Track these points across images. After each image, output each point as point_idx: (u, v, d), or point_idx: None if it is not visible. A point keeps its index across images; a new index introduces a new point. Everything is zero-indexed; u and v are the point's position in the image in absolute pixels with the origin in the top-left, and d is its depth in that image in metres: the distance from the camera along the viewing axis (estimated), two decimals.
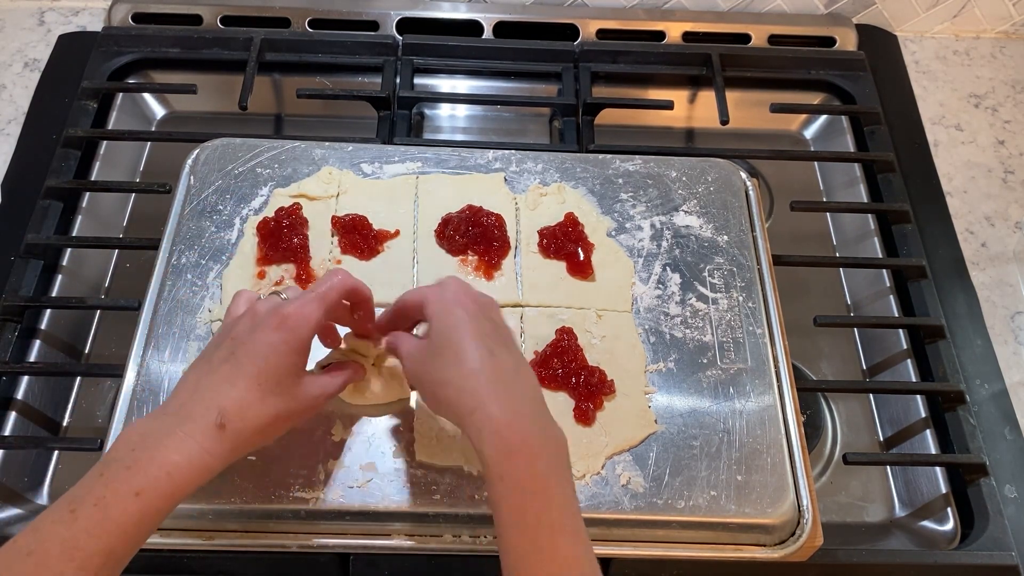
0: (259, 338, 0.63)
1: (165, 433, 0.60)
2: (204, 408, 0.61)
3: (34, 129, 1.07)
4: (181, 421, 0.61)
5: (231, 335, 0.65)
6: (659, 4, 1.21)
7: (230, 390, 0.62)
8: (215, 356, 0.64)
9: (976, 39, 1.26)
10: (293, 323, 0.64)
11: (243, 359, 0.63)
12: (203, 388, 0.63)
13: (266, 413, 0.63)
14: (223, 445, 0.61)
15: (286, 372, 0.64)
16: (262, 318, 0.64)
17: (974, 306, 0.99)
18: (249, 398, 0.62)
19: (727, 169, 0.95)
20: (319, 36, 1.16)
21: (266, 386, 0.63)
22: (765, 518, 0.73)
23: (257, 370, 0.63)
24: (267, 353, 0.63)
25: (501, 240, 0.87)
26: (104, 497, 0.56)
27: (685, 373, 0.81)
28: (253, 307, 0.66)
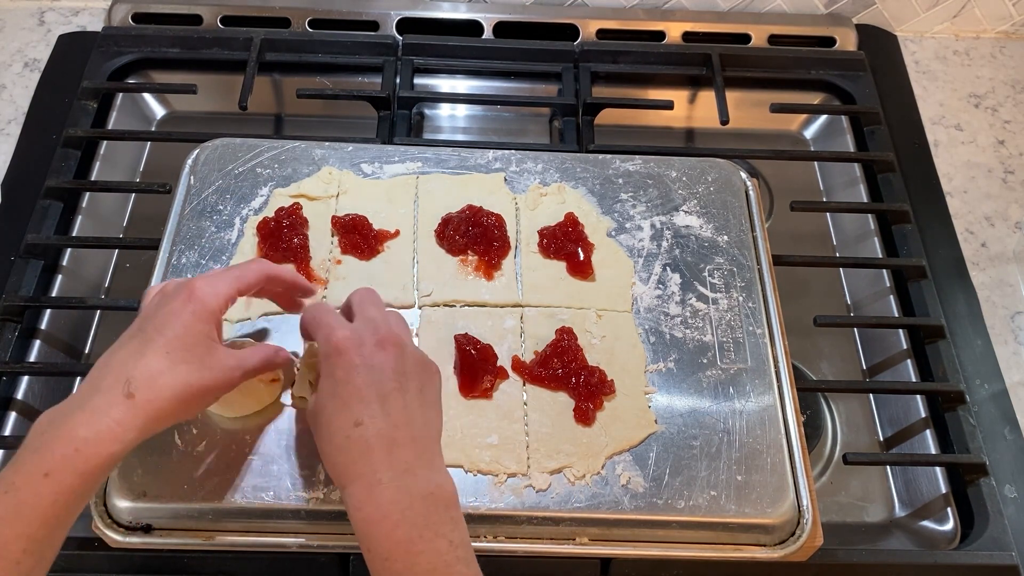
0: (166, 310, 0.63)
1: (72, 411, 0.59)
2: (112, 380, 0.60)
3: (34, 129, 1.07)
4: (88, 397, 0.60)
5: (141, 314, 0.66)
6: (659, 4, 1.21)
7: (138, 360, 0.61)
8: (125, 334, 0.64)
9: (976, 39, 1.26)
10: (200, 294, 0.64)
11: (150, 331, 0.63)
12: (112, 363, 0.62)
13: (177, 381, 0.61)
14: (135, 416, 0.59)
15: (195, 340, 0.63)
16: (170, 293, 0.65)
17: (974, 306, 0.99)
18: (158, 366, 0.61)
19: (727, 169, 0.95)
20: (319, 36, 1.16)
21: (175, 354, 0.62)
22: (765, 518, 0.73)
23: (164, 339, 0.62)
24: (173, 322, 0.63)
25: (501, 240, 0.87)
26: (14, 483, 0.56)
27: (685, 373, 0.81)
28: (164, 285, 0.67)
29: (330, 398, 0.63)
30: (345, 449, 0.61)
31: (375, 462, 0.60)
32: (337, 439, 0.62)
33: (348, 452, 0.61)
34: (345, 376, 0.63)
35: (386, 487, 0.59)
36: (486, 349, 0.80)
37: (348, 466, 0.61)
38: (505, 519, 0.72)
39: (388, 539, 0.58)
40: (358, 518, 0.60)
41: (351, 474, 0.61)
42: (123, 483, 0.71)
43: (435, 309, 0.83)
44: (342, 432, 0.61)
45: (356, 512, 0.60)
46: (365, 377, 0.62)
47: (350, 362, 0.63)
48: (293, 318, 0.81)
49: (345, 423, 0.61)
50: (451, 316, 0.83)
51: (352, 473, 0.61)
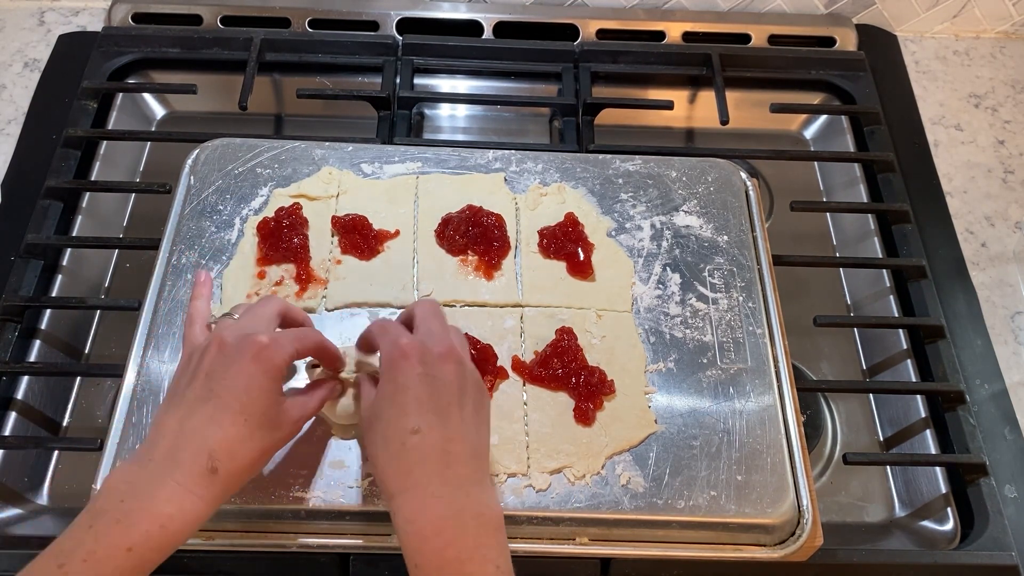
0: (237, 371, 0.61)
1: (155, 483, 0.58)
2: (193, 453, 0.59)
3: (34, 129, 1.07)
4: (170, 469, 0.59)
5: (203, 370, 0.63)
6: (659, 4, 1.21)
7: (217, 431, 0.60)
8: (190, 394, 0.62)
9: (976, 39, 1.26)
10: (269, 352, 0.62)
11: (224, 395, 0.61)
12: (188, 431, 0.60)
13: (255, 448, 0.62)
14: (215, 489, 0.59)
15: (269, 404, 0.62)
16: (234, 348, 0.63)
17: (974, 306, 0.99)
18: (237, 436, 0.60)
19: (727, 169, 0.95)
20: (319, 36, 1.16)
21: (252, 420, 0.61)
22: (765, 518, 0.73)
23: (240, 405, 0.61)
24: (248, 386, 0.61)
25: (501, 240, 0.87)
26: (95, 552, 0.55)
27: (685, 373, 0.81)
28: (219, 337, 0.64)
29: (389, 403, 0.62)
30: (400, 456, 0.60)
31: (430, 474, 0.60)
32: (393, 445, 0.61)
33: (403, 460, 0.60)
34: (406, 382, 0.62)
35: (439, 502, 0.59)
36: (486, 349, 0.80)
37: (402, 475, 0.60)
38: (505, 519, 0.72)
39: (439, 556, 0.58)
40: (408, 531, 0.59)
41: (404, 484, 0.60)
42: None
43: None
44: (398, 438, 0.61)
45: (407, 524, 0.59)
46: (427, 386, 0.62)
47: (412, 369, 0.62)
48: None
49: (402, 429, 0.61)
50: (451, 316, 0.82)
51: (405, 483, 0.60)
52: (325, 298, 0.83)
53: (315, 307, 0.82)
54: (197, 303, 0.73)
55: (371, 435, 0.63)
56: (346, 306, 0.83)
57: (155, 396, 0.76)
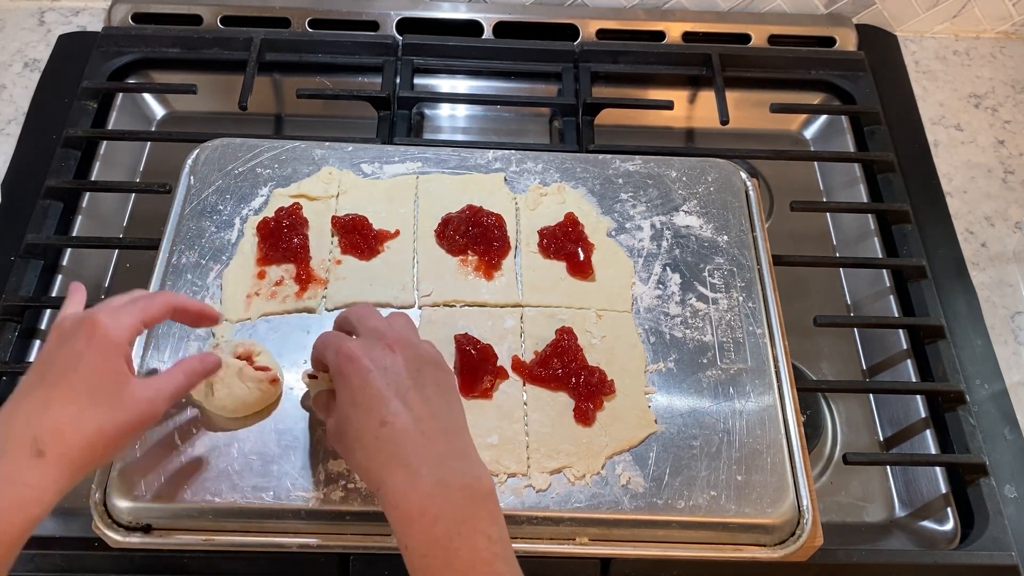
0: (67, 350, 0.59)
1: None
2: (17, 439, 0.56)
3: (34, 129, 1.07)
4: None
5: (39, 358, 0.61)
6: (659, 4, 1.21)
7: (43, 413, 0.57)
8: (25, 382, 0.60)
9: (976, 39, 1.26)
10: (103, 328, 0.60)
11: (52, 377, 0.58)
12: (14, 418, 0.57)
13: (89, 428, 0.58)
14: (48, 474, 0.56)
15: (103, 379, 0.59)
16: (69, 330, 0.61)
17: (974, 306, 0.99)
18: (66, 416, 0.57)
19: (727, 169, 0.95)
20: (319, 36, 1.16)
21: (82, 399, 0.58)
22: (765, 518, 0.73)
23: (68, 384, 0.58)
24: (77, 364, 0.59)
25: (501, 240, 0.87)
26: None
27: (685, 373, 0.81)
28: (59, 323, 0.62)
29: (350, 406, 0.62)
30: (375, 450, 0.60)
31: (409, 455, 0.59)
32: (366, 441, 0.61)
33: (379, 452, 0.60)
34: (361, 382, 0.62)
35: (423, 480, 0.58)
36: (486, 349, 0.80)
37: (380, 466, 0.60)
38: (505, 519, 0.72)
39: (426, 535, 0.57)
40: (395, 516, 0.59)
41: (384, 473, 0.60)
42: (123, 483, 0.71)
43: (435, 309, 0.83)
44: (370, 434, 0.60)
45: (393, 510, 0.59)
46: (381, 379, 0.62)
47: (363, 367, 0.62)
48: (293, 318, 0.82)
49: (371, 425, 0.60)
50: (451, 316, 0.83)
51: (385, 472, 0.59)
52: (325, 298, 0.83)
53: (315, 307, 0.82)
54: None
55: (345, 442, 0.63)
56: (346, 306, 0.83)
57: None
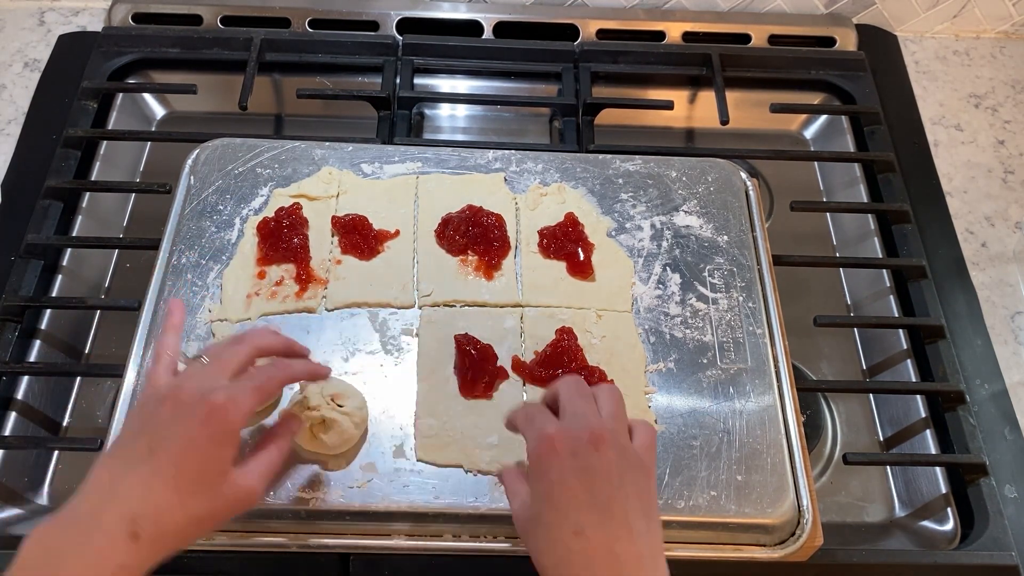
0: (180, 432, 0.58)
1: (74, 550, 0.54)
2: (116, 517, 0.55)
3: (34, 129, 1.07)
4: (89, 532, 0.55)
5: (151, 425, 0.60)
6: (659, 4, 1.21)
7: (146, 495, 0.56)
8: (131, 450, 0.59)
9: (976, 39, 1.26)
10: (222, 416, 0.59)
11: (161, 457, 0.57)
12: (117, 492, 0.57)
13: (185, 518, 0.57)
14: (138, 556, 0.55)
15: (209, 470, 0.59)
16: (187, 407, 0.59)
17: (974, 306, 0.99)
18: (167, 503, 0.57)
19: (727, 169, 0.95)
20: (319, 36, 1.16)
21: (186, 487, 0.57)
22: (765, 518, 0.73)
23: (177, 471, 0.57)
24: (187, 450, 0.58)
25: (501, 240, 0.87)
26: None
27: (685, 373, 0.81)
28: (176, 393, 0.60)
29: (545, 504, 0.59)
30: (567, 563, 0.57)
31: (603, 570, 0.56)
32: (558, 550, 0.57)
33: (569, 567, 0.57)
34: (560, 478, 0.58)
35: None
36: (486, 349, 0.80)
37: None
38: (505, 519, 0.72)
39: None
40: None
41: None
42: None
43: (435, 309, 0.83)
44: (562, 543, 0.57)
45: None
46: (582, 480, 0.58)
47: (563, 463, 0.59)
48: (293, 318, 0.82)
49: (564, 533, 0.57)
50: (451, 316, 0.83)
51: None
52: (325, 298, 0.83)
53: (315, 307, 0.82)
54: (165, 338, 0.68)
55: (533, 540, 0.60)
56: (346, 306, 0.83)
57: None
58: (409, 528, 0.73)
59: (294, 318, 0.82)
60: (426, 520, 0.72)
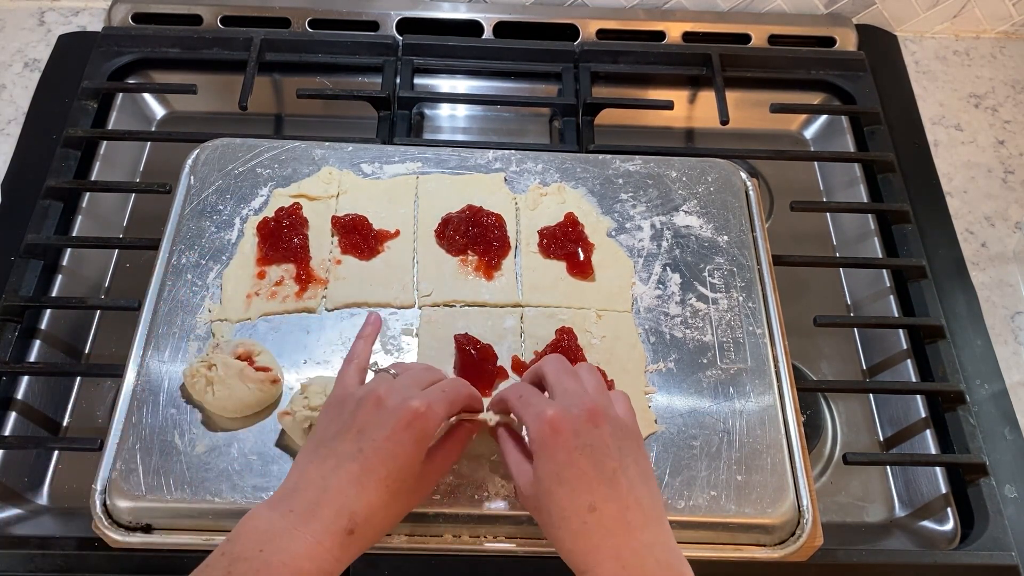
0: (389, 436, 0.62)
1: (294, 536, 0.59)
2: (334, 512, 0.60)
3: (34, 129, 1.07)
4: (309, 523, 0.59)
5: (356, 425, 0.63)
6: (659, 4, 1.21)
7: (360, 493, 0.61)
8: (339, 448, 0.63)
9: (976, 39, 1.26)
10: (423, 420, 0.63)
11: (373, 459, 0.62)
12: (332, 488, 0.61)
13: (392, 514, 0.63)
14: (350, 550, 0.60)
15: (412, 472, 0.63)
16: (391, 411, 0.63)
17: (974, 306, 0.99)
18: (380, 503, 0.61)
19: (727, 169, 0.95)
20: (319, 36, 1.16)
21: (394, 488, 0.62)
22: (765, 518, 0.73)
23: (387, 472, 0.61)
24: (397, 453, 0.62)
25: (501, 240, 0.87)
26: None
27: (685, 373, 0.81)
28: (377, 395, 0.64)
29: (555, 482, 0.61)
30: (582, 535, 0.60)
31: (617, 547, 0.60)
32: (573, 524, 0.61)
33: (586, 538, 0.60)
34: (567, 458, 0.61)
35: (631, 572, 0.59)
36: (486, 349, 0.80)
37: (589, 552, 0.60)
38: (505, 519, 0.72)
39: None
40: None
41: (593, 559, 0.60)
42: (123, 483, 0.71)
43: (435, 309, 0.83)
44: (577, 518, 0.60)
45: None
46: (588, 458, 0.61)
47: (568, 443, 0.62)
48: (292, 318, 0.82)
49: (579, 508, 0.60)
50: (451, 316, 0.83)
51: (594, 559, 0.60)
52: (325, 298, 0.83)
53: (315, 307, 0.82)
54: (360, 344, 0.75)
55: (545, 515, 0.62)
56: (346, 306, 0.83)
57: (155, 396, 0.76)
58: (409, 528, 0.73)
59: (294, 318, 0.82)
60: (426, 520, 0.72)
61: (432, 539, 0.73)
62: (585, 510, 0.60)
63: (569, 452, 0.61)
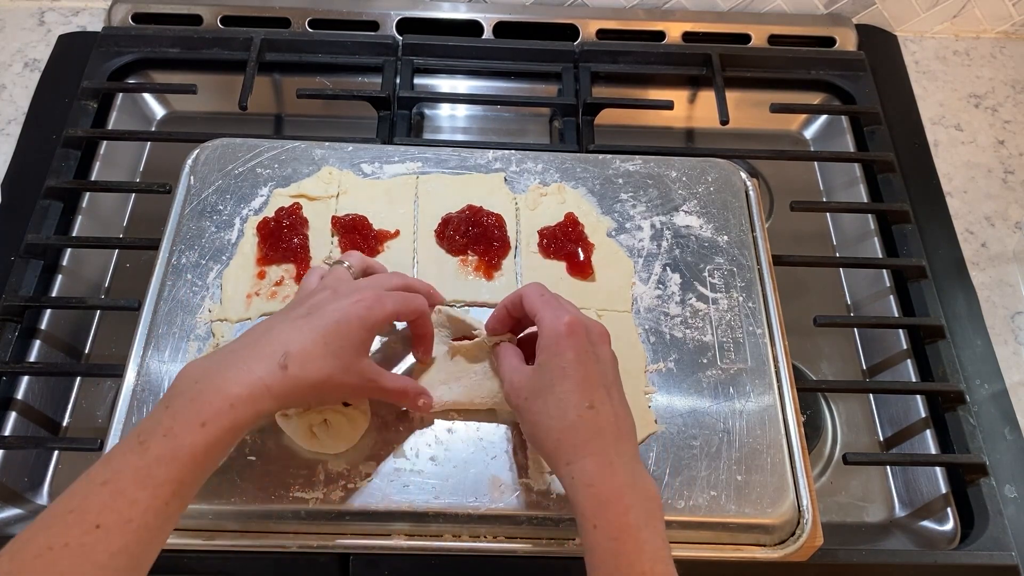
0: (336, 305, 0.67)
1: (228, 366, 0.62)
2: (271, 349, 0.63)
3: (34, 129, 1.07)
4: (245, 357, 0.63)
5: (311, 301, 0.68)
6: (659, 4, 1.21)
7: (298, 337, 0.64)
8: (291, 313, 0.67)
9: (976, 39, 1.26)
10: (370, 303, 0.67)
11: (316, 319, 0.66)
12: (274, 333, 0.65)
13: (323, 370, 0.64)
14: (282, 386, 0.62)
15: (352, 342, 0.66)
16: (342, 293, 0.68)
17: (974, 306, 0.99)
18: (313, 351, 0.64)
19: (727, 169, 0.95)
20: (319, 36, 1.16)
21: (331, 345, 0.65)
22: (765, 518, 0.73)
23: (327, 330, 0.65)
24: (339, 318, 0.66)
25: (501, 240, 0.87)
26: (172, 428, 0.59)
27: (685, 373, 0.81)
28: (335, 286, 0.70)
29: (560, 376, 0.65)
30: (578, 427, 0.63)
31: (606, 445, 0.63)
32: (570, 416, 0.63)
33: (581, 431, 0.63)
34: (576, 358, 0.65)
35: (618, 470, 0.62)
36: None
37: (580, 444, 0.63)
38: (505, 519, 0.72)
39: (620, 520, 0.60)
40: (589, 493, 0.61)
41: (583, 451, 0.62)
42: None
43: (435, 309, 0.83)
44: (575, 411, 0.63)
45: (587, 488, 0.61)
46: (594, 366, 0.65)
47: (582, 347, 0.65)
48: None
49: (578, 403, 0.63)
50: None
51: (583, 451, 0.62)
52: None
53: None
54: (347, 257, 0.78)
55: (538, 405, 0.65)
56: None
57: (155, 396, 0.76)
58: (409, 528, 0.73)
59: None
60: (426, 520, 0.72)
61: (432, 539, 0.73)
62: (585, 406, 0.63)
63: (579, 353, 0.65)
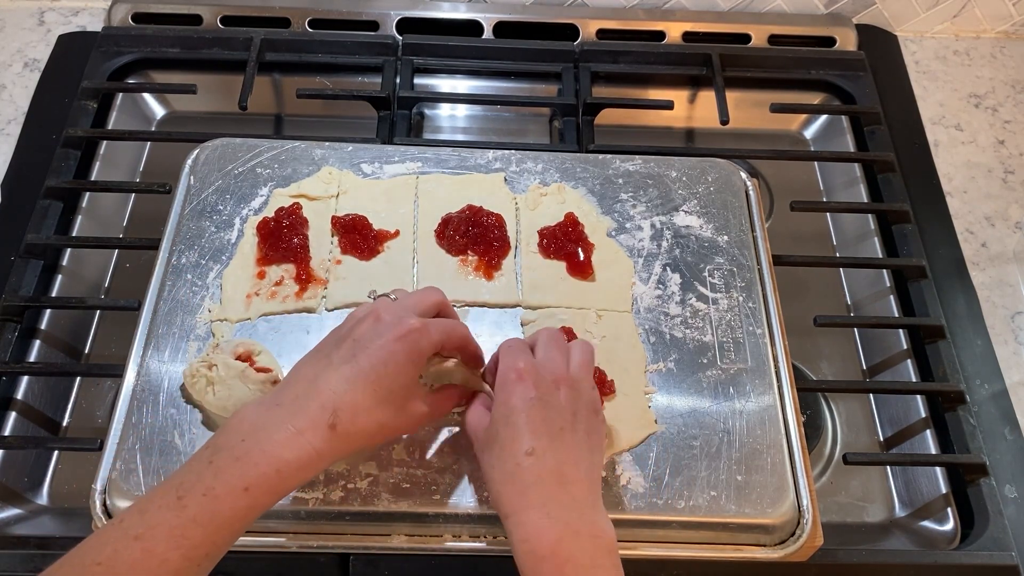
0: (381, 344, 0.63)
1: (276, 427, 0.60)
2: (319, 406, 0.61)
3: (34, 129, 1.07)
4: (293, 415, 0.60)
5: (353, 336, 0.65)
6: (659, 4, 1.21)
7: (347, 391, 0.61)
8: (335, 354, 0.64)
9: (976, 39, 1.26)
10: (416, 336, 0.64)
11: (363, 362, 0.63)
12: (320, 384, 0.62)
13: (374, 421, 0.63)
14: (331, 446, 0.60)
15: (402, 384, 0.64)
16: (386, 324, 0.65)
17: (974, 306, 0.99)
18: (364, 403, 0.62)
19: (727, 169, 0.95)
20: (319, 36, 1.16)
21: (381, 394, 0.62)
22: (765, 518, 0.73)
23: (376, 376, 0.62)
24: (388, 360, 0.63)
25: (501, 240, 0.87)
26: (214, 488, 0.57)
27: (685, 373, 0.81)
28: (376, 312, 0.66)
29: (503, 424, 0.63)
30: (515, 477, 0.61)
31: (546, 496, 0.61)
32: (508, 466, 0.62)
33: (518, 481, 0.61)
34: (521, 405, 0.63)
35: (555, 523, 0.60)
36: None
37: (517, 496, 0.61)
38: None
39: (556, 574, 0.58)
40: (524, 550, 0.60)
41: (520, 504, 0.61)
42: (123, 483, 0.71)
43: None
44: (513, 460, 0.62)
45: (522, 544, 0.60)
46: (540, 410, 0.63)
47: (526, 392, 0.64)
48: (293, 318, 0.82)
49: (517, 451, 0.62)
50: None
51: (521, 503, 0.61)
52: (325, 298, 0.83)
53: (315, 307, 0.82)
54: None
55: (487, 456, 0.64)
56: (346, 306, 0.83)
57: (155, 396, 0.76)
58: (409, 528, 0.73)
59: (294, 318, 0.82)
60: (426, 520, 0.72)
61: (432, 539, 0.73)
62: (523, 453, 0.61)
63: (524, 400, 0.63)
